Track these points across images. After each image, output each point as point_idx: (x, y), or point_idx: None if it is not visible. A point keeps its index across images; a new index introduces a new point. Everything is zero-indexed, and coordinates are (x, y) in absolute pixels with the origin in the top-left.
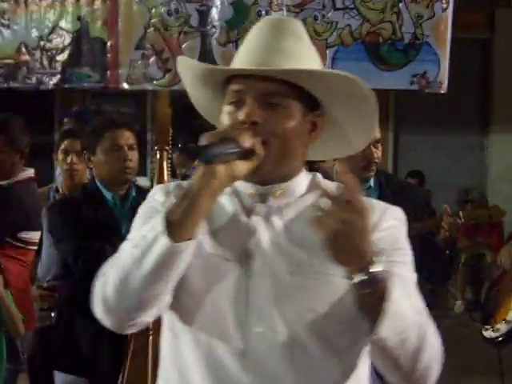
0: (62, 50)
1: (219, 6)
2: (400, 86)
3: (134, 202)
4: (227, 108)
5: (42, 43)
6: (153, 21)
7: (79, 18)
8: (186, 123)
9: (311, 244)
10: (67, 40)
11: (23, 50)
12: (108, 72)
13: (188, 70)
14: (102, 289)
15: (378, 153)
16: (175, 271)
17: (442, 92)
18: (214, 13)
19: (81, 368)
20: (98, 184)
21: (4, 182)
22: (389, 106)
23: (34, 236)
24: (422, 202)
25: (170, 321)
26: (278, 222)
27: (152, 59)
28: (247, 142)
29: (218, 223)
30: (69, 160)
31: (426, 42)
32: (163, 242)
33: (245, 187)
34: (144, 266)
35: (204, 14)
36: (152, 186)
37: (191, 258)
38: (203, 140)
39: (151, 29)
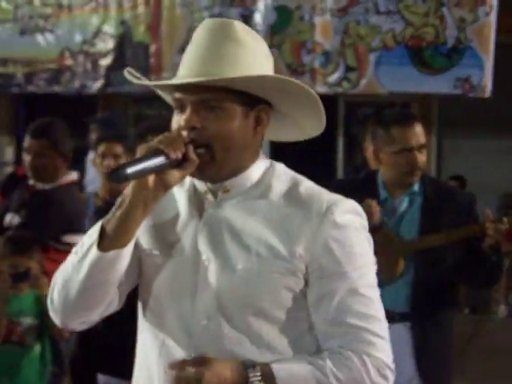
0: (105, 55)
1: (263, 11)
2: (443, 90)
3: None
4: (174, 115)
5: (85, 47)
6: (196, 25)
7: (122, 23)
8: None
9: (250, 241)
10: (110, 44)
11: (66, 54)
12: (151, 76)
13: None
14: (50, 291)
15: (422, 158)
16: (109, 276)
17: (486, 96)
18: (258, 17)
19: (124, 370)
20: None
21: (47, 186)
22: (432, 110)
23: (78, 240)
24: (467, 206)
25: (139, 311)
26: (224, 219)
27: None
28: (173, 153)
29: (173, 221)
30: (106, 163)
31: (469, 47)
32: (93, 251)
33: (200, 185)
34: (80, 273)
35: (247, 19)
36: None
37: (131, 259)
38: (137, 153)
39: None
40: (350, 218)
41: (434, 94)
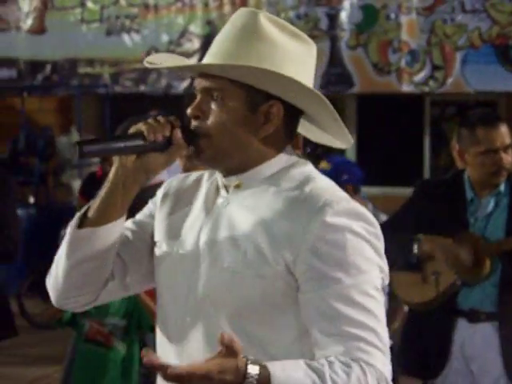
0: (192, 54)
1: (348, 10)
2: None
3: None
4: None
5: (171, 47)
6: None
7: (208, 23)
8: None
9: (243, 239)
10: (197, 44)
11: (153, 54)
12: None
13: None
14: (48, 273)
15: (508, 158)
16: (87, 254)
17: None
18: (344, 16)
19: None
20: None
21: None
22: None
23: None
24: None
25: None
26: (227, 214)
27: None
28: (151, 135)
29: (188, 213)
30: (182, 164)
31: None
32: (70, 229)
33: (218, 178)
34: (63, 252)
35: (333, 18)
36: None
37: (138, 246)
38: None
39: None
40: (345, 220)
41: None
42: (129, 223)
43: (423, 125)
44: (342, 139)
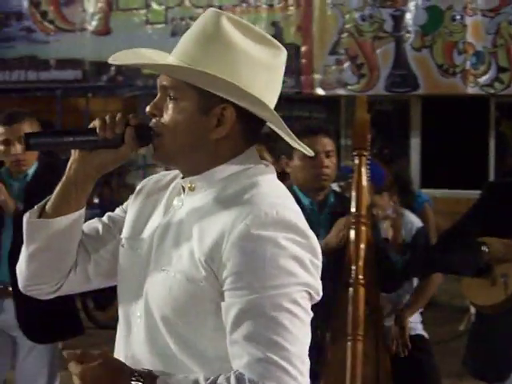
0: None
1: (413, 11)
2: None
3: (332, 208)
4: None
5: None
6: (347, 26)
7: (273, 24)
8: (379, 128)
9: (182, 242)
10: None
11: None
12: (302, 77)
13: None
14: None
15: None
16: (40, 245)
17: None
18: (408, 18)
19: None
20: (296, 189)
21: None
22: None
23: None
24: None
25: None
26: (178, 217)
27: (346, 64)
28: (102, 131)
29: (151, 211)
30: None
31: None
32: (25, 218)
33: (179, 180)
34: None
35: (398, 19)
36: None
37: (102, 242)
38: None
39: (345, 34)
40: (270, 232)
41: None
42: (105, 216)
43: (488, 127)
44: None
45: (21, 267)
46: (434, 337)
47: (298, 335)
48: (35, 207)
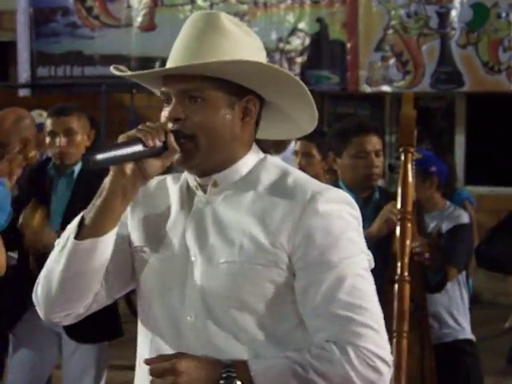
0: (301, 52)
1: (459, 8)
2: None
3: (376, 204)
4: (164, 106)
5: (281, 45)
6: (392, 23)
7: (318, 20)
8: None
9: (234, 234)
10: (306, 42)
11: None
12: (348, 74)
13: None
14: (35, 285)
15: None
16: (88, 267)
17: None
18: (454, 15)
19: None
20: (342, 185)
21: None
22: None
23: None
24: None
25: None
26: (211, 212)
27: (391, 61)
28: (150, 140)
29: (164, 216)
30: (298, 161)
31: None
32: (70, 241)
33: (191, 180)
34: (60, 264)
35: (444, 16)
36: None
37: (121, 254)
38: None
39: (390, 31)
40: (334, 206)
41: None
42: None
43: None
44: (308, 120)
45: (49, 292)
46: (478, 335)
47: (374, 297)
48: (72, 228)
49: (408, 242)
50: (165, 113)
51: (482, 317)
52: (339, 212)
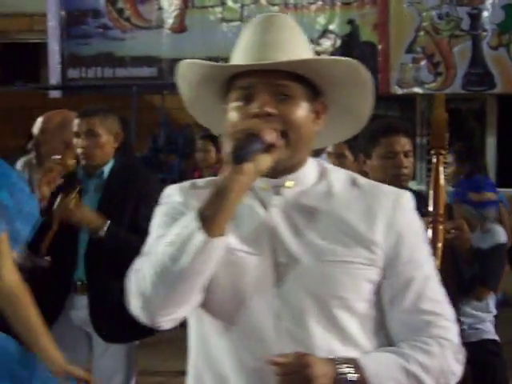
0: (332, 54)
1: (490, 9)
2: None
3: None
4: (235, 104)
5: (311, 46)
6: (424, 24)
7: (349, 22)
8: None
9: (330, 232)
10: (337, 43)
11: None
12: (379, 76)
13: (194, 71)
14: (138, 285)
15: None
16: (209, 267)
17: None
18: (485, 16)
19: None
20: None
21: None
22: None
23: None
24: None
25: (196, 316)
26: (295, 212)
27: (423, 63)
28: (269, 136)
29: (238, 218)
30: (331, 163)
31: None
32: (200, 238)
33: (256, 181)
34: (181, 262)
35: (475, 18)
36: (428, 191)
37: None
38: (230, 138)
39: (422, 32)
40: (413, 206)
41: None
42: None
43: None
44: (358, 121)
45: (162, 293)
46: (506, 336)
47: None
48: (192, 228)
49: (439, 245)
50: (246, 108)
51: (510, 318)
52: (414, 212)
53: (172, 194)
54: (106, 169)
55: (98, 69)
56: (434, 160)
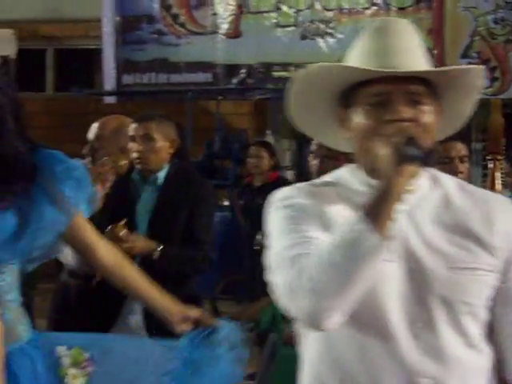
0: None
1: None
2: None
3: None
4: (365, 109)
5: None
6: (479, 29)
7: None
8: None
9: (455, 239)
10: None
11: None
12: None
13: (330, 75)
14: (304, 286)
15: None
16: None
17: None
18: None
19: None
20: None
21: None
22: None
23: None
24: None
25: None
26: (420, 218)
27: None
28: (425, 142)
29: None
30: None
31: None
32: (374, 240)
33: (362, 186)
34: (356, 263)
35: None
36: None
37: None
38: (385, 141)
39: (477, 37)
40: None
41: None
42: (315, 238)
43: None
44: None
45: (340, 293)
46: None
47: None
48: (360, 228)
49: None
50: (379, 113)
51: None
52: None
53: (291, 195)
54: (161, 174)
55: (153, 74)
56: (491, 165)
